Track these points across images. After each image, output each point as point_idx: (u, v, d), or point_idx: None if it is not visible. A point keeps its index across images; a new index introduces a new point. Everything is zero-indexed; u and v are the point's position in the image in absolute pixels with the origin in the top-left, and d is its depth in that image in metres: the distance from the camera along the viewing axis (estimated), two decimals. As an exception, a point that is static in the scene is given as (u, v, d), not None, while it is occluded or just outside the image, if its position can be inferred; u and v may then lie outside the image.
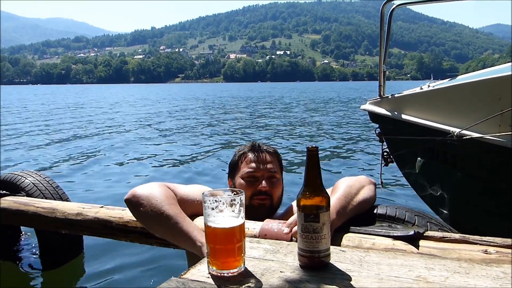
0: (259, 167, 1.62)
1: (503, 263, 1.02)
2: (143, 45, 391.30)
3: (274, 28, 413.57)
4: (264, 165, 1.63)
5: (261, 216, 1.48)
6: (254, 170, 1.61)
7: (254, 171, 1.61)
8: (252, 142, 1.74)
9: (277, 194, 1.63)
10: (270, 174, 1.62)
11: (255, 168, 1.62)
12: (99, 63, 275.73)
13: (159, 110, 19.12)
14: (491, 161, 2.13)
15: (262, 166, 1.62)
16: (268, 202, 1.58)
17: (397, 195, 4.51)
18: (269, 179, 1.61)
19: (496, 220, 2.25)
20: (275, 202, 1.62)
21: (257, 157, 1.64)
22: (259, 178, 1.61)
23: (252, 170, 1.62)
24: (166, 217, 1.36)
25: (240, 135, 10.15)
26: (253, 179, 1.61)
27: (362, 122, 12.67)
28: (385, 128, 2.69)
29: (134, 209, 1.45)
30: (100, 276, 2.62)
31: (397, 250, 1.17)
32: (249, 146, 1.70)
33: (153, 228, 1.45)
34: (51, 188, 2.51)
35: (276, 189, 1.62)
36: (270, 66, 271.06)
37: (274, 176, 1.63)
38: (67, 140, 9.09)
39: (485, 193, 2.27)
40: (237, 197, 0.98)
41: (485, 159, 2.15)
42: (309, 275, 0.93)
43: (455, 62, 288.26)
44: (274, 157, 1.69)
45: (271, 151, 1.70)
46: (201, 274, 0.97)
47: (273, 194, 1.60)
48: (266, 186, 1.59)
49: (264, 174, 1.62)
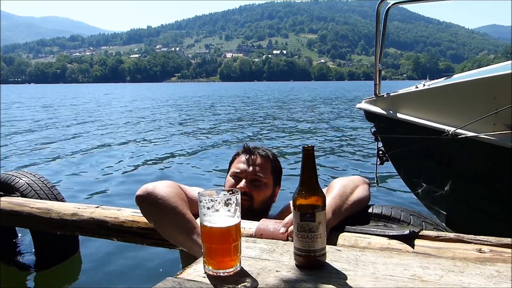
0: (245, 168, 1.64)
1: (497, 261, 1.02)
2: (139, 44, 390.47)
3: (271, 27, 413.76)
4: (251, 167, 1.65)
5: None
6: (240, 171, 1.65)
7: (239, 172, 1.65)
8: (246, 143, 1.76)
9: (259, 197, 1.63)
10: (254, 177, 1.64)
11: (241, 169, 1.65)
12: (95, 62, 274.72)
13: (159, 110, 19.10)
14: (486, 160, 2.14)
15: (248, 168, 1.64)
16: (246, 203, 1.58)
17: (392, 194, 4.52)
18: (251, 182, 1.63)
19: (491, 219, 2.27)
20: (256, 204, 1.62)
21: (246, 158, 1.67)
22: (242, 178, 1.63)
23: (238, 170, 1.65)
24: (183, 218, 1.36)
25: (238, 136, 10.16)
26: (237, 179, 1.64)
27: (358, 120, 12.71)
28: (381, 127, 2.70)
29: (149, 206, 1.43)
30: (95, 276, 2.61)
31: (392, 249, 1.17)
32: (243, 147, 1.74)
33: (165, 227, 1.42)
34: (46, 189, 2.49)
35: (258, 192, 1.63)
36: (266, 66, 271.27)
37: (258, 180, 1.64)
38: (62, 140, 9.05)
39: (480, 192, 2.29)
40: (232, 197, 0.98)
41: (480, 158, 2.16)
42: (305, 274, 0.94)
43: (451, 62, 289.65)
44: (266, 161, 1.70)
45: (263, 154, 1.71)
46: (197, 274, 0.96)
47: (254, 196, 1.61)
48: (244, 187, 1.60)
49: (248, 176, 1.63)
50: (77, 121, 13.32)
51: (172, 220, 1.37)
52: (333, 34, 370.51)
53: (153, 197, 1.40)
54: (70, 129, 11.09)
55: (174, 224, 1.37)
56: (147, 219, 1.52)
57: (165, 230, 1.43)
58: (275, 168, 1.73)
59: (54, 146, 8.15)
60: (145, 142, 8.79)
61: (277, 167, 1.75)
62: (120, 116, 15.35)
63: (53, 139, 9.12)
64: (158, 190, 1.41)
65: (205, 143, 8.64)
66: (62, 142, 8.78)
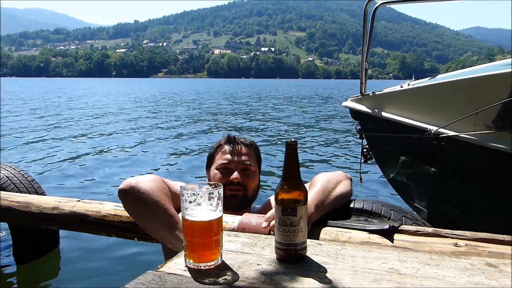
0: (233, 158, 1.63)
1: (471, 255, 1.05)
2: (125, 38, 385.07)
3: (259, 24, 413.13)
4: (239, 156, 1.63)
5: (234, 207, 1.48)
6: (228, 161, 1.63)
7: (228, 163, 1.62)
8: (228, 134, 1.75)
9: (251, 186, 1.63)
10: (244, 166, 1.63)
11: (229, 159, 1.63)
12: (80, 56, 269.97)
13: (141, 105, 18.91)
14: (467, 159, 2.19)
15: (236, 157, 1.63)
16: (241, 193, 1.58)
17: (375, 191, 4.58)
18: (242, 171, 1.62)
19: (471, 215, 2.32)
20: (249, 193, 1.62)
21: (232, 148, 1.65)
22: (232, 169, 1.61)
23: (226, 161, 1.63)
24: (165, 212, 1.35)
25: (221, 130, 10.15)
26: (227, 171, 1.62)
27: (344, 119, 12.82)
28: (365, 125, 2.73)
29: (132, 200, 1.40)
30: (76, 271, 2.58)
31: (372, 243, 1.19)
32: (225, 138, 1.72)
33: (147, 222, 1.41)
34: (26, 182, 2.45)
35: (250, 181, 1.63)
36: (254, 63, 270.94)
37: (248, 168, 1.63)
38: (42, 134, 8.90)
39: (460, 190, 2.34)
40: (215, 191, 0.98)
41: (461, 157, 2.21)
42: (285, 267, 0.94)
43: (436, 63, 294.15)
44: (251, 150, 1.69)
45: (247, 143, 1.70)
46: (178, 267, 0.96)
47: (247, 185, 1.61)
48: (238, 177, 1.59)
49: (238, 165, 1.62)
50: (50, 114, 13.17)
51: (154, 214, 1.36)
52: (321, 32, 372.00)
53: (135, 191, 1.38)
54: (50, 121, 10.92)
55: (156, 219, 1.36)
56: (129, 213, 1.51)
57: (147, 225, 1.42)
58: (258, 155, 1.73)
59: (35, 140, 8.01)
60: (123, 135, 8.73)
61: (259, 154, 1.76)
62: (100, 111, 15.15)
63: (33, 132, 8.97)
64: (141, 184, 1.40)
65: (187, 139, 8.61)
66: (42, 136, 8.63)
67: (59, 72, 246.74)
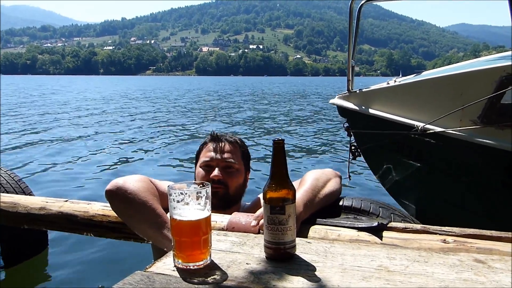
0: (215, 156, 1.62)
1: (459, 251, 1.06)
2: (113, 36, 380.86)
3: (247, 21, 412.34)
4: (221, 154, 1.63)
5: (215, 205, 1.48)
6: (210, 159, 1.62)
7: (210, 160, 1.62)
8: (212, 131, 1.74)
9: (234, 184, 1.62)
10: (226, 163, 1.62)
11: (211, 157, 1.62)
12: (67, 54, 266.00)
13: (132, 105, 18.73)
14: (453, 154, 2.21)
15: (218, 155, 1.63)
16: (221, 190, 1.57)
17: (364, 188, 4.61)
18: (224, 169, 1.61)
19: (458, 211, 2.35)
20: (231, 191, 1.61)
21: (215, 146, 1.65)
22: (214, 167, 1.61)
23: (208, 159, 1.63)
24: (153, 212, 1.33)
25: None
26: (209, 168, 1.62)
27: (332, 116, 12.88)
28: (353, 122, 2.75)
29: (120, 201, 1.39)
30: (65, 271, 2.55)
31: (361, 241, 1.19)
32: (210, 136, 1.71)
33: (135, 222, 1.39)
34: (13, 182, 2.40)
35: (232, 179, 1.62)
36: (243, 60, 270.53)
37: (230, 166, 1.63)
38: (30, 134, 8.76)
39: (447, 186, 2.36)
40: (203, 190, 0.97)
41: (448, 153, 2.23)
42: (275, 266, 0.94)
43: (422, 59, 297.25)
44: (236, 147, 1.68)
45: (231, 140, 1.69)
46: (167, 267, 0.96)
47: (228, 183, 1.60)
48: (218, 175, 1.58)
49: (219, 163, 1.62)
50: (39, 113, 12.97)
51: (142, 214, 1.35)
52: (309, 29, 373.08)
53: (123, 192, 1.37)
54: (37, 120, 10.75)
55: (144, 219, 1.35)
56: (117, 214, 1.49)
57: (135, 225, 1.40)
58: (244, 153, 1.72)
59: (23, 140, 7.87)
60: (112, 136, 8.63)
61: (246, 152, 1.74)
62: (89, 111, 14.97)
63: (20, 132, 8.81)
64: (128, 185, 1.38)
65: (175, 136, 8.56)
66: (29, 135, 8.49)
67: (46, 69, 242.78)
